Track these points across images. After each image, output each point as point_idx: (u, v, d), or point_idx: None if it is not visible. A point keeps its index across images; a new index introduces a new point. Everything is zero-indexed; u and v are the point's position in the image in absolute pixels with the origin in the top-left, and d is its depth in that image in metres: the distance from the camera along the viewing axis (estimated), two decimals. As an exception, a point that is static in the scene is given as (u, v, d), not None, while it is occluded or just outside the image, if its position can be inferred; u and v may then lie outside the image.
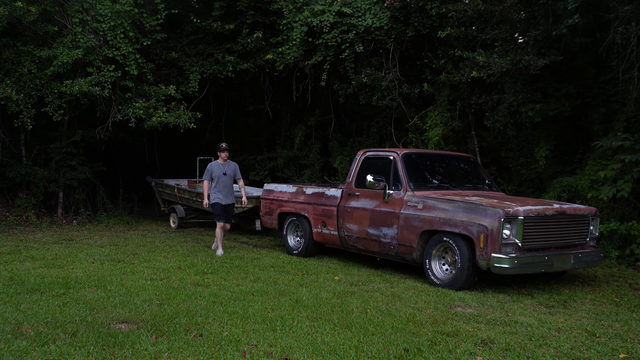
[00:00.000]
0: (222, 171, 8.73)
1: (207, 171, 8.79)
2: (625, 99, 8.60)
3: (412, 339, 4.59)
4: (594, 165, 8.87)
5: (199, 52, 12.76)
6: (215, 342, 4.37)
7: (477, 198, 6.81)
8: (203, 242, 10.03)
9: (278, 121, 15.27)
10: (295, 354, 4.18)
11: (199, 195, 11.71)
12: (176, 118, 11.88)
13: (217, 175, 8.72)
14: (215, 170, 8.75)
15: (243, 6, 12.03)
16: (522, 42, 9.57)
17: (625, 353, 4.43)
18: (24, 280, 6.38)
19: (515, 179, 10.55)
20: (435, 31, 10.52)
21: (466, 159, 8.48)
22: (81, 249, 8.87)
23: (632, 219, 8.51)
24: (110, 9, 11.05)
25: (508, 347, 4.45)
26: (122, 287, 6.19)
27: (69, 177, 12.35)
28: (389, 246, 7.30)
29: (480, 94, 10.35)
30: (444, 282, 6.62)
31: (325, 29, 11.13)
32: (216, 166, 8.78)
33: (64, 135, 12.30)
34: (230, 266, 7.70)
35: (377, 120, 12.74)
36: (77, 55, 10.67)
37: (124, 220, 12.62)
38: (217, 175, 8.73)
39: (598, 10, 8.35)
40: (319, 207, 8.46)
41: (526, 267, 6.24)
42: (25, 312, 5.07)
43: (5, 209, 11.95)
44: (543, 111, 9.23)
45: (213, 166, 8.79)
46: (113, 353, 4.12)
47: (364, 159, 8.09)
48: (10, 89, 10.53)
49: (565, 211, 6.61)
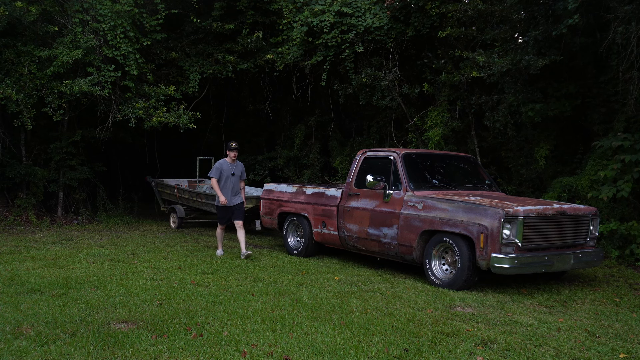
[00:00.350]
0: (230, 171, 8.45)
1: (216, 169, 8.40)
2: (625, 99, 8.60)
3: (412, 339, 4.59)
4: (594, 165, 8.88)
5: (199, 52, 12.77)
6: (215, 342, 4.37)
7: (477, 198, 6.81)
8: (203, 242, 10.03)
9: (278, 121, 15.27)
10: (295, 354, 4.18)
11: (199, 195, 11.72)
12: (176, 118, 11.88)
13: (226, 175, 8.43)
14: (225, 169, 8.43)
15: (243, 6, 12.03)
16: (522, 42, 9.57)
17: (625, 353, 4.43)
18: (24, 280, 6.38)
19: (515, 179, 10.55)
20: (435, 31, 10.52)
21: (466, 159, 8.48)
22: (81, 249, 8.87)
23: (632, 219, 8.51)
24: (110, 9, 11.05)
25: (508, 347, 4.45)
26: (122, 287, 6.19)
27: (69, 177, 12.35)
28: (389, 246, 7.30)
29: (480, 94, 10.35)
30: (444, 282, 6.62)
31: (325, 29, 11.13)
32: (226, 165, 8.46)
33: (64, 135, 12.30)
34: (230, 266, 7.70)
35: (377, 120, 12.74)
36: (77, 55, 10.67)
37: (124, 220, 12.62)
38: (226, 175, 8.43)
39: (598, 10, 8.35)
40: (319, 207, 8.46)
41: (526, 267, 6.23)
42: (25, 312, 5.07)
43: (5, 209, 11.96)
44: (543, 111, 9.23)
45: (223, 165, 8.45)
46: (113, 353, 4.12)
47: (364, 159, 8.09)
48: (10, 89, 10.54)
49: (565, 211, 6.61)
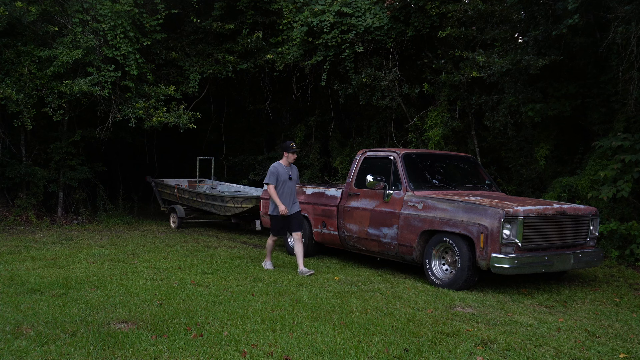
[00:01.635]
0: (287, 174, 7.42)
1: (272, 174, 7.37)
2: (625, 99, 8.60)
3: (412, 339, 4.59)
4: (594, 165, 8.87)
5: (199, 52, 12.77)
6: (215, 342, 4.37)
7: (477, 198, 6.81)
8: (203, 242, 10.03)
9: (278, 121, 15.27)
10: (295, 354, 4.18)
11: (199, 195, 11.72)
12: (176, 118, 11.88)
13: (283, 180, 7.38)
14: (281, 173, 7.38)
15: (243, 6, 12.03)
16: (522, 42, 9.57)
17: (625, 353, 4.43)
18: (24, 280, 6.38)
19: (515, 179, 10.55)
20: (435, 31, 10.52)
21: (466, 159, 8.48)
22: (81, 249, 8.87)
23: (632, 219, 8.51)
24: (110, 9, 11.05)
25: (508, 347, 4.45)
26: (122, 287, 6.19)
27: (69, 177, 12.34)
28: (389, 246, 7.30)
29: (480, 94, 10.35)
30: (444, 282, 6.62)
31: (325, 29, 11.13)
32: (282, 169, 7.42)
33: (64, 135, 12.30)
34: (230, 266, 7.70)
35: (377, 120, 12.74)
36: (77, 55, 10.67)
37: (124, 220, 12.62)
38: (283, 179, 7.38)
39: (598, 10, 8.35)
40: (319, 207, 8.46)
41: (526, 267, 6.23)
42: (25, 312, 5.07)
43: (5, 209, 11.95)
44: (543, 111, 9.23)
45: (279, 168, 7.40)
46: (113, 353, 4.12)
47: (364, 159, 8.09)
48: (10, 89, 10.54)
49: (565, 211, 6.61)
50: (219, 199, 11.17)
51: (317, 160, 14.00)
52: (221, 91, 14.83)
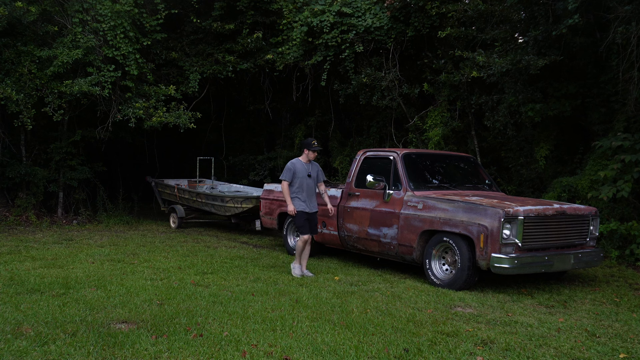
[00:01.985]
0: (306, 172, 7.24)
1: (289, 170, 7.19)
2: (625, 99, 8.60)
3: (412, 339, 4.59)
4: (594, 165, 8.87)
5: (199, 52, 12.77)
6: (215, 342, 4.37)
7: (477, 198, 6.81)
8: (203, 242, 10.03)
9: (278, 121, 15.27)
10: (295, 354, 4.18)
11: (199, 195, 11.72)
12: (176, 118, 11.88)
13: (301, 177, 7.19)
14: (299, 170, 7.20)
15: (243, 6, 12.03)
16: (522, 42, 9.57)
17: (625, 353, 4.43)
18: (24, 280, 6.38)
19: (515, 179, 10.55)
20: (435, 31, 10.52)
21: (466, 159, 8.48)
22: (81, 249, 8.87)
23: (632, 219, 8.51)
24: (110, 9, 11.05)
25: (508, 347, 4.45)
26: (122, 287, 6.19)
27: (69, 177, 12.34)
28: (389, 246, 7.30)
29: (480, 94, 10.35)
30: (444, 282, 6.62)
31: (325, 29, 11.12)
32: (300, 165, 7.24)
33: (64, 135, 12.30)
34: (230, 266, 7.70)
35: (377, 120, 12.74)
36: (77, 55, 10.66)
37: (124, 220, 12.61)
38: (300, 176, 7.19)
39: (598, 10, 8.35)
40: (319, 207, 8.44)
41: (526, 267, 6.23)
42: (25, 312, 5.07)
43: (5, 209, 11.95)
44: (543, 111, 9.23)
45: (296, 165, 7.24)
46: (113, 353, 4.12)
47: (364, 159, 8.09)
48: (10, 89, 10.53)
49: (565, 211, 6.61)
50: (219, 199, 11.17)
51: (317, 160, 13.95)
52: (221, 91, 14.83)
